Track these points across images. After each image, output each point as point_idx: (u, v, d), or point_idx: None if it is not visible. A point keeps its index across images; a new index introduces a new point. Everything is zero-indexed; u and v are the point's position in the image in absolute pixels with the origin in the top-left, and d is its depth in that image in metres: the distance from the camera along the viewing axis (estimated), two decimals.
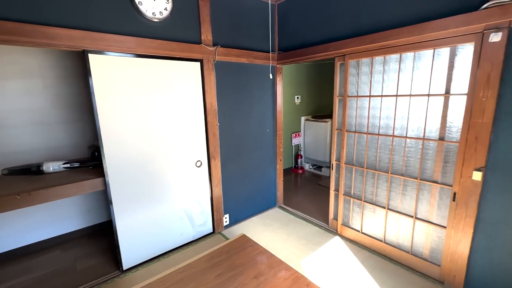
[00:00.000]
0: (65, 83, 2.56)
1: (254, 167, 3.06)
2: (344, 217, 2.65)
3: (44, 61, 2.44)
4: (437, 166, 1.94)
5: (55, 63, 2.50)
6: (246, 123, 2.87)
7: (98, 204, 2.91)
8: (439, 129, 1.89)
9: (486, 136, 1.63)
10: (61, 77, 2.54)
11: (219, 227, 2.80)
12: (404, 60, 2.00)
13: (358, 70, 2.31)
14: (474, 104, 1.65)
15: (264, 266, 1.64)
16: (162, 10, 2.07)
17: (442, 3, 1.72)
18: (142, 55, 2.05)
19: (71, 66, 2.57)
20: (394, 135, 2.14)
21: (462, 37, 1.67)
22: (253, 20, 2.75)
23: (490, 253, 1.72)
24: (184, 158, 2.43)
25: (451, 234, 1.88)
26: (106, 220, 2.99)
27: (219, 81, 2.54)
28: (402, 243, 2.22)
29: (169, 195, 2.39)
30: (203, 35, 2.36)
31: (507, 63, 1.52)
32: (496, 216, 1.67)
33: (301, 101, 5.03)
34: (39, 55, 2.41)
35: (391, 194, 2.23)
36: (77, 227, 2.80)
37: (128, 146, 2.08)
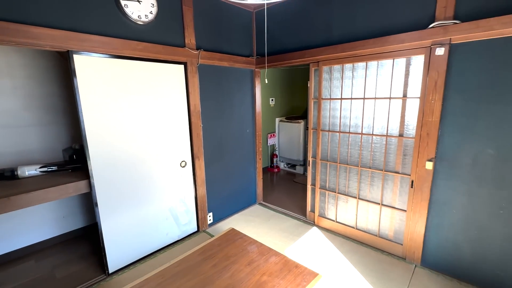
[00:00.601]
0: (37, 83, 2.44)
1: (236, 166, 3.19)
2: (321, 208, 2.91)
3: (13, 60, 2.31)
4: (398, 158, 2.26)
5: (26, 62, 2.37)
6: (228, 124, 3.00)
7: (75, 210, 2.79)
8: (399, 127, 2.22)
9: (435, 132, 1.98)
10: (33, 77, 2.41)
11: (203, 226, 2.87)
12: (369, 67, 2.31)
13: (330, 75, 2.57)
14: (425, 105, 1.99)
15: (255, 254, 1.78)
16: (148, 13, 2.12)
17: (399, 20, 2.04)
18: (128, 57, 2.07)
19: (45, 65, 2.46)
20: (363, 133, 2.43)
21: (415, 50, 2.00)
22: (234, 26, 2.89)
23: (440, 229, 2.08)
24: (169, 159, 2.47)
25: (410, 216, 2.21)
26: (84, 226, 2.88)
27: (202, 83, 2.63)
28: (371, 228, 2.53)
29: (155, 196, 2.41)
30: (187, 39, 2.43)
31: (449, 72, 1.87)
32: (444, 198, 2.02)
33: (275, 103, 5.27)
34: (9, 53, 2.28)
35: (361, 185, 2.53)
36: (51, 234, 2.65)
37: (114, 148, 2.08)
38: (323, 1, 2.45)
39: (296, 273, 1.58)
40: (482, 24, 1.65)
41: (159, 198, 2.45)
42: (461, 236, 1.98)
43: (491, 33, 1.65)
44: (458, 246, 2.01)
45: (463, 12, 1.76)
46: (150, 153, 2.32)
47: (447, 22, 1.79)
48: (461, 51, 1.81)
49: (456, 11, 1.78)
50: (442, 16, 1.83)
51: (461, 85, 1.84)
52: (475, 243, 1.93)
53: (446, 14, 1.81)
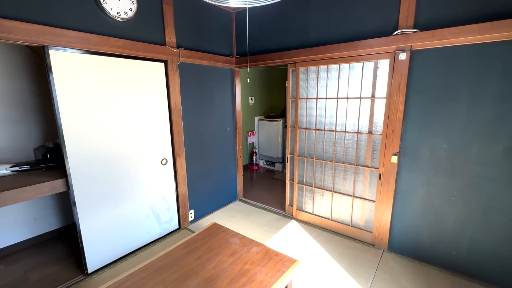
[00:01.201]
0: (5, 78, 2.31)
1: (217, 164, 3.24)
2: (298, 202, 3.06)
3: None
4: (368, 153, 2.47)
5: None
6: (209, 122, 3.04)
7: (48, 211, 2.68)
8: (368, 125, 2.42)
9: (399, 129, 2.20)
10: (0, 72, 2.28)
11: (185, 223, 2.89)
12: (342, 69, 2.49)
13: (307, 76, 2.72)
14: (391, 105, 2.20)
15: (238, 246, 1.87)
16: (127, 10, 2.11)
17: (368, 27, 2.23)
18: (108, 54, 2.05)
19: (14, 60, 2.34)
20: (337, 131, 2.61)
21: (381, 55, 2.20)
22: (214, 25, 2.93)
23: (403, 216, 2.31)
24: (150, 156, 2.47)
25: (379, 206, 2.43)
26: (59, 227, 2.77)
27: (183, 81, 2.66)
28: (344, 219, 2.72)
29: (136, 194, 2.40)
30: (167, 37, 2.45)
31: (410, 75, 2.09)
32: (407, 188, 2.25)
33: (255, 102, 5.38)
34: None
35: (335, 179, 2.72)
36: (22, 238, 2.53)
37: (92, 145, 2.05)
38: (300, 6, 2.58)
39: (276, 260, 1.70)
40: (437, 34, 1.88)
41: (140, 196, 2.44)
42: (421, 222, 2.22)
43: (444, 42, 1.88)
44: (418, 231, 2.25)
45: (422, 22, 1.97)
46: (130, 151, 2.31)
47: (408, 30, 2.01)
48: (420, 57, 2.03)
49: (416, 21, 2.00)
50: (404, 24, 2.04)
51: (420, 87, 2.06)
52: (432, 227, 2.18)
53: (407, 23, 2.02)
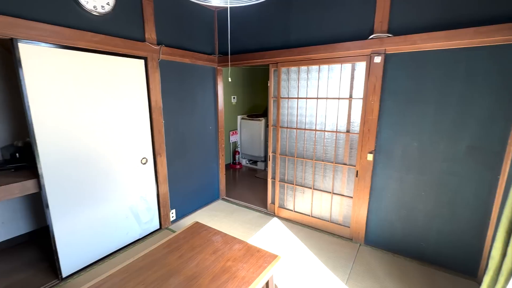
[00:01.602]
0: None
1: (199, 163, 3.22)
2: (280, 200, 3.12)
3: None
4: (346, 152, 2.57)
5: None
6: (191, 120, 3.01)
7: (16, 215, 2.53)
8: (346, 124, 2.52)
9: (374, 128, 2.31)
10: None
11: (166, 223, 2.85)
12: (322, 70, 2.57)
13: (288, 76, 2.78)
14: (367, 105, 2.31)
15: (220, 244, 1.88)
16: (104, 4, 2.04)
17: (346, 30, 2.32)
18: (84, 49, 1.98)
19: None
20: (316, 130, 2.70)
21: (358, 57, 2.30)
22: (196, 23, 2.91)
23: (378, 211, 2.44)
24: (129, 155, 2.41)
25: (356, 202, 2.54)
26: (30, 231, 2.62)
27: (164, 79, 2.61)
28: (324, 215, 2.82)
29: (114, 194, 2.33)
30: (147, 33, 2.39)
31: (384, 77, 2.21)
32: (381, 185, 2.38)
33: (237, 101, 5.39)
34: None
35: (316, 177, 2.80)
36: None
37: (67, 144, 1.96)
38: (282, 7, 2.63)
39: (258, 257, 1.73)
40: (408, 39, 2.00)
41: (119, 196, 2.37)
42: (394, 216, 2.36)
43: (415, 47, 2.01)
44: (392, 225, 2.38)
45: (395, 27, 2.09)
46: (109, 150, 2.24)
47: (382, 35, 2.12)
48: (393, 60, 2.15)
49: (389, 26, 2.11)
50: (379, 29, 2.15)
51: (393, 88, 2.19)
52: (404, 221, 2.32)
53: (382, 28, 2.13)
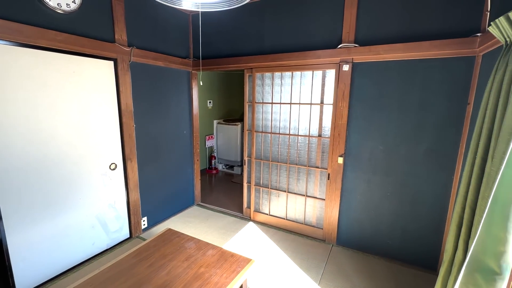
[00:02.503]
0: None
1: (173, 168, 3.14)
2: (256, 204, 3.13)
3: None
4: (318, 155, 2.66)
5: None
6: (164, 124, 2.94)
7: None
8: (318, 129, 2.62)
9: (344, 133, 2.43)
10: None
11: (137, 231, 2.73)
12: (295, 77, 2.65)
13: (263, 82, 2.84)
14: (337, 111, 2.42)
15: (193, 250, 1.84)
16: (70, 2, 1.94)
17: (317, 39, 2.43)
18: (46, 48, 1.86)
19: None
20: (290, 134, 2.76)
21: (328, 65, 2.41)
22: (170, 26, 2.87)
23: (349, 212, 2.54)
24: (96, 161, 2.29)
25: (328, 204, 2.63)
26: None
27: (135, 82, 2.53)
28: (298, 217, 2.88)
29: (79, 202, 2.19)
30: (117, 34, 2.31)
31: (352, 84, 2.34)
32: (351, 186, 2.49)
33: (213, 105, 5.36)
34: None
35: (290, 180, 2.86)
36: None
37: (25, 149, 1.82)
38: (256, 14, 2.69)
39: (232, 261, 1.72)
40: (372, 49, 2.15)
41: (84, 204, 2.23)
42: (364, 216, 2.47)
43: (379, 57, 2.16)
44: (361, 224, 2.50)
45: (360, 38, 2.23)
46: (73, 155, 2.11)
47: (349, 44, 2.25)
48: (360, 69, 2.28)
49: (356, 37, 2.25)
50: (346, 39, 2.28)
51: (360, 95, 2.32)
52: (372, 220, 2.44)
53: (349, 38, 2.26)
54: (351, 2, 2.21)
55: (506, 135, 1.02)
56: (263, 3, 2.62)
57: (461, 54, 1.89)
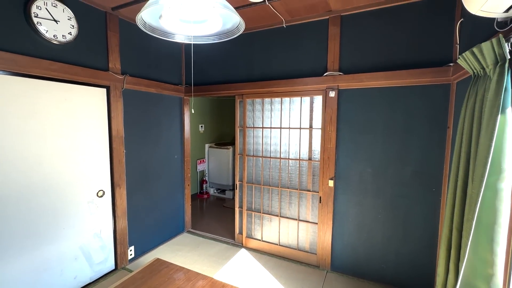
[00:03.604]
0: None
1: (162, 194, 3.08)
2: (248, 229, 3.06)
3: None
4: (309, 179, 2.68)
5: None
6: (155, 149, 2.93)
7: None
8: (308, 152, 2.67)
9: (333, 156, 2.48)
10: None
11: (122, 262, 2.59)
12: (284, 102, 2.75)
13: (253, 107, 2.92)
14: (325, 135, 2.50)
15: (182, 281, 1.76)
16: (66, 34, 2.01)
17: (304, 67, 2.56)
18: (39, 76, 1.89)
19: None
20: (281, 158, 2.80)
21: (315, 91, 2.53)
22: (162, 55, 2.98)
23: (342, 236, 2.52)
24: (83, 188, 2.23)
25: (320, 228, 2.60)
26: None
27: (127, 108, 2.56)
28: (291, 243, 2.82)
29: (62, 232, 2.10)
30: (111, 63, 2.38)
31: (339, 109, 2.44)
32: (343, 209, 2.49)
33: (205, 129, 5.40)
34: None
35: (282, 204, 2.84)
36: None
37: (8, 178, 1.77)
38: (246, 44, 2.84)
39: None
40: (356, 77, 2.28)
41: (68, 234, 2.13)
42: (356, 240, 2.45)
43: (362, 84, 2.28)
44: (355, 249, 2.46)
45: (344, 67, 2.38)
46: (59, 182, 2.05)
47: (334, 73, 2.38)
48: (345, 95, 2.40)
49: (340, 66, 2.39)
50: (332, 68, 2.42)
51: (347, 119, 2.41)
52: (366, 244, 2.41)
53: (334, 67, 2.40)
54: (334, 35, 2.38)
55: (483, 159, 1.07)
56: (252, 34, 2.79)
57: (437, 82, 2.03)
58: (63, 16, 1.98)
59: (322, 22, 2.44)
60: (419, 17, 2.08)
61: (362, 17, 2.28)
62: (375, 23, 2.24)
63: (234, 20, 1.29)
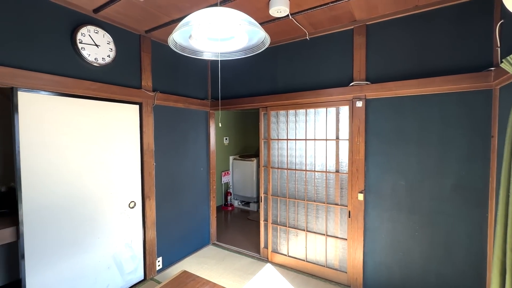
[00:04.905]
0: None
1: (189, 205, 3.14)
2: (273, 244, 2.99)
3: None
4: (337, 192, 2.58)
5: None
6: (182, 162, 3.03)
7: None
8: (335, 164, 2.58)
9: (362, 168, 2.37)
10: None
11: (151, 273, 2.65)
12: (309, 114, 2.72)
13: (277, 119, 2.92)
14: (353, 146, 2.41)
15: None
16: (105, 56, 2.20)
17: (329, 78, 2.53)
18: (81, 96, 2.07)
19: None
20: (307, 170, 2.74)
21: (341, 102, 2.47)
22: (190, 71, 3.12)
23: (374, 254, 2.36)
24: (117, 199, 2.35)
25: (350, 244, 2.47)
26: None
27: (157, 123, 2.69)
28: (319, 259, 2.69)
29: (98, 241, 2.21)
30: (143, 81, 2.54)
31: (367, 120, 2.35)
32: (374, 225, 2.35)
33: (229, 142, 5.49)
34: None
35: (308, 218, 2.75)
36: None
37: (53, 189, 1.92)
38: (269, 58, 2.89)
39: None
40: (384, 86, 2.19)
41: (103, 243, 2.24)
42: (391, 259, 2.28)
43: (391, 93, 2.19)
44: (389, 268, 2.29)
45: (372, 76, 2.31)
46: (96, 194, 2.19)
47: (361, 82, 2.32)
48: (373, 105, 2.31)
49: (367, 75, 2.33)
50: (358, 77, 2.36)
51: (376, 130, 2.31)
52: (401, 264, 2.23)
53: (360, 77, 2.34)
54: (359, 44, 2.33)
55: None
56: (276, 48, 2.83)
57: (477, 88, 1.89)
58: (103, 41, 2.17)
59: (347, 33, 2.41)
60: (454, 21, 1.98)
61: (389, 25, 2.22)
62: (404, 30, 2.17)
63: (260, 35, 1.32)
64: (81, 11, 2.06)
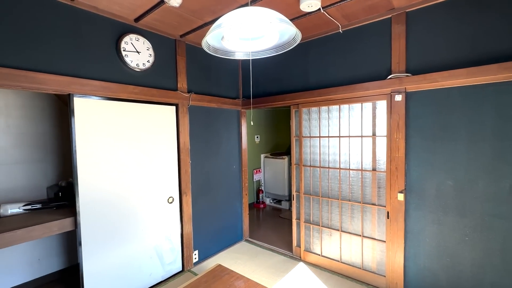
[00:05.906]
0: (31, 122, 2.52)
1: (222, 202, 3.24)
2: (306, 243, 2.95)
3: (10, 100, 2.42)
4: (373, 191, 2.45)
5: (23, 102, 2.48)
6: (215, 160, 3.13)
7: (51, 251, 2.66)
8: (371, 162, 2.45)
9: (402, 167, 2.22)
10: (28, 116, 2.51)
11: (188, 265, 2.80)
12: (342, 110, 2.62)
13: (309, 116, 2.86)
14: (392, 143, 2.26)
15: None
16: (145, 62, 2.37)
17: (364, 72, 2.41)
18: (124, 99, 2.26)
19: (40, 106, 2.58)
20: (341, 168, 2.64)
21: (378, 96, 2.34)
22: (222, 72, 3.21)
23: (417, 258, 2.19)
24: (157, 195, 2.52)
25: (389, 247, 2.33)
26: (61, 269, 2.71)
27: (192, 122, 2.82)
28: (355, 261, 2.59)
29: (141, 233, 2.39)
30: (179, 83, 2.68)
31: (407, 115, 2.19)
32: (417, 228, 2.18)
33: (260, 140, 5.53)
34: (8, 95, 2.40)
35: (343, 218, 2.66)
36: (24, 279, 2.48)
37: (103, 185, 2.13)
38: (300, 54, 2.84)
39: None
40: (428, 77, 2.02)
41: (145, 235, 2.43)
42: (436, 264, 2.10)
43: (436, 84, 2.01)
44: (435, 275, 2.11)
45: (413, 67, 2.14)
46: (139, 189, 2.37)
47: (401, 74, 2.16)
48: (414, 98, 2.15)
49: (407, 66, 2.17)
50: (397, 69, 2.20)
51: (418, 125, 2.14)
52: (449, 271, 2.05)
53: (399, 68, 2.19)
54: (398, 33, 2.18)
55: None
56: (307, 43, 2.77)
57: None
58: (143, 47, 2.33)
59: (384, 22, 2.27)
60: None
61: (432, 11, 2.04)
62: (450, 14, 1.97)
63: (291, 32, 1.31)
64: (124, 21, 2.24)
